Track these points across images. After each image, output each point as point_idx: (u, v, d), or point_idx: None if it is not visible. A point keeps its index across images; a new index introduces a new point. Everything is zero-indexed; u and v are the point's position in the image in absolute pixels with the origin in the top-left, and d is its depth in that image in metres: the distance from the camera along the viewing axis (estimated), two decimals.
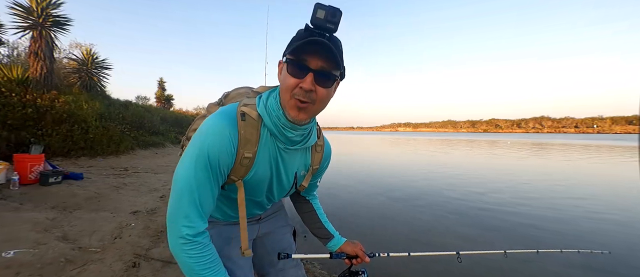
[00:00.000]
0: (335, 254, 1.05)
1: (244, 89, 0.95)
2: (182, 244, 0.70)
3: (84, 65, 10.77)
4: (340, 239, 1.07)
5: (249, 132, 0.76)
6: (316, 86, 0.70)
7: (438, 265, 2.79)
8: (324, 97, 0.73)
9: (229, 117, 0.75)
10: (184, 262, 0.72)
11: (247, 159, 0.77)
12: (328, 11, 0.67)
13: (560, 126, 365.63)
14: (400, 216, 4.51)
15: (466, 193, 6.10)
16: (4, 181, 3.83)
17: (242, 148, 0.75)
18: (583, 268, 2.80)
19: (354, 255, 1.04)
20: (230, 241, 0.95)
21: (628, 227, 4.09)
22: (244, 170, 0.78)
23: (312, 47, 0.67)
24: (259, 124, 0.78)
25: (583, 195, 6.06)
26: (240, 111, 0.77)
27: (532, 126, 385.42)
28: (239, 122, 0.75)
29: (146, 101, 21.90)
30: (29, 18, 7.65)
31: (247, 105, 0.78)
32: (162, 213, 3.44)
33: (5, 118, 5.56)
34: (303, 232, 3.35)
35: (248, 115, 0.76)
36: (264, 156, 0.80)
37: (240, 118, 0.75)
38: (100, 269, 2.04)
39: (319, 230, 1.09)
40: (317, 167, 0.95)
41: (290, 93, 0.71)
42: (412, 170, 9.54)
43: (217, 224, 0.96)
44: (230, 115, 0.76)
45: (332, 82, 0.73)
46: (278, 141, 0.80)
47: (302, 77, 0.69)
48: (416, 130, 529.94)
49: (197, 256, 0.71)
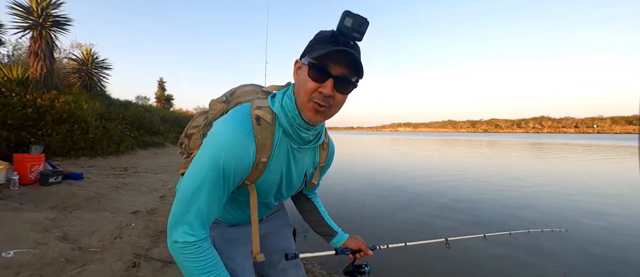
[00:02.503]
0: (340, 250, 1.06)
1: (250, 87, 0.93)
2: (181, 247, 0.70)
3: (84, 65, 10.78)
4: (343, 235, 1.09)
5: (265, 136, 0.75)
6: (335, 92, 0.70)
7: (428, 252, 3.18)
8: (341, 102, 0.74)
9: (245, 124, 0.73)
10: (183, 265, 0.72)
11: (262, 163, 0.76)
12: (356, 20, 0.67)
13: (560, 126, 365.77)
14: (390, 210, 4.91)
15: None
16: (4, 181, 3.83)
17: (258, 153, 0.74)
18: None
19: (357, 249, 1.06)
20: (232, 242, 0.94)
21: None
22: (258, 174, 0.78)
23: (337, 55, 0.67)
24: (273, 127, 0.77)
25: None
26: (255, 115, 0.75)
27: (532, 126, 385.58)
28: (255, 127, 0.74)
29: (146, 101, 21.92)
30: (29, 18, 7.65)
31: (260, 108, 0.77)
32: (162, 213, 3.44)
33: (5, 118, 5.55)
34: (303, 232, 3.35)
35: (263, 119, 0.75)
36: (278, 158, 0.80)
37: (255, 122, 0.74)
38: (100, 269, 2.04)
39: (322, 228, 1.10)
40: (323, 164, 0.96)
41: (308, 96, 0.71)
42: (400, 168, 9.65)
43: (220, 225, 0.95)
44: (245, 121, 0.74)
45: (351, 88, 0.74)
46: (291, 140, 0.80)
47: (322, 82, 0.69)
48: (416, 130, 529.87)
49: (196, 260, 0.70)
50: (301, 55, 0.75)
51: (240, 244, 0.95)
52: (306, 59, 0.71)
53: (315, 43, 0.72)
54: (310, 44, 0.73)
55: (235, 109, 0.79)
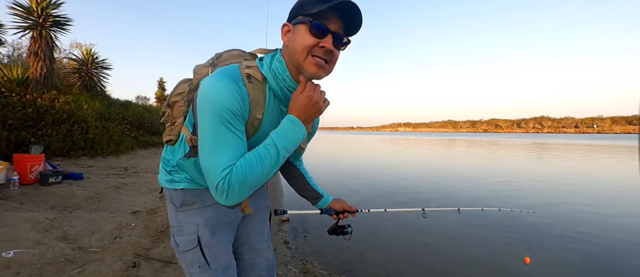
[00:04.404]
0: (325, 210, 1.16)
1: (237, 51, 0.93)
2: (232, 184, 0.67)
3: (84, 65, 10.76)
4: (328, 198, 1.17)
5: (258, 94, 0.77)
6: (333, 47, 0.74)
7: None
8: (337, 58, 0.78)
9: (235, 78, 0.72)
10: (250, 185, 0.69)
11: (257, 120, 0.78)
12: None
13: (560, 126, 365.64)
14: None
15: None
16: (4, 181, 3.83)
17: (253, 109, 0.76)
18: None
19: (341, 210, 1.17)
20: (227, 227, 0.97)
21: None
22: (254, 130, 0.80)
23: (343, 8, 0.70)
24: (264, 86, 0.79)
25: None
26: (245, 73, 0.76)
27: (532, 126, 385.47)
28: (247, 84, 0.75)
29: (146, 101, 21.89)
30: (29, 18, 7.64)
31: (249, 67, 0.78)
32: (162, 213, 3.44)
33: (5, 118, 5.55)
34: (303, 233, 3.36)
35: (254, 77, 0.77)
36: (270, 118, 0.82)
37: (247, 80, 0.75)
38: (100, 269, 2.04)
39: (309, 192, 1.17)
40: (310, 130, 0.98)
41: (307, 52, 0.73)
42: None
43: (209, 202, 0.93)
44: (235, 76, 0.73)
45: (345, 45, 0.78)
46: (281, 104, 0.83)
47: (322, 37, 0.72)
48: (416, 130, 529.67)
49: (244, 173, 0.68)
50: (290, 18, 0.76)
51: (223, 231, 0.96)
52: (301, 18, 0.73)
53: (306, 3, 0.72)
54: (301, 3, 0.74)
55: (222, 68, 0.77)
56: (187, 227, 0.91)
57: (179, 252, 0.93)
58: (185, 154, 0.88)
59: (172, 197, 0.94)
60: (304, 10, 0.73)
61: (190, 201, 0.92)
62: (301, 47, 0.73)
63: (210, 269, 0.90)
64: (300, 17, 0.73)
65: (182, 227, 0.92)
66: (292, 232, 3.35)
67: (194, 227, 0.91)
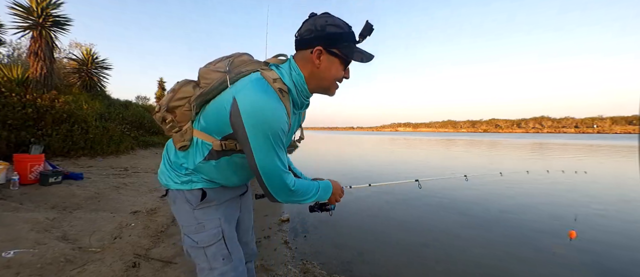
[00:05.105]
0: None
1: (247, 55, 0.97)
2: (289, 194, 0.90)
3: (84, 65, 10.76)
4: (306, 178, 1.26)
5: (288, 106, 0.87)
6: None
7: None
8: None
9: (277, 96, 0.83)
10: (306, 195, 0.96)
11: (288, 127, 0.89)
12: (370, 29, 0.90)
13: (560, 126, 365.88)
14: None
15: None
16: (4, 181, 3.83)
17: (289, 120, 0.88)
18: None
19: None
20: (230, 222, 1.06)
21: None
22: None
23: (368, 60, 0.92)
24: (289, 97, 0.90)
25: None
26: (277, 88, 0.84)
27: (532, 126, 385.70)
28: (282, 99, 0.85)
29: (146, 101, 21.88)
30: (29, 18, 7.63)
31: (275, 80, 0.86)
32: (162, 213, 3.44)
33: (5, 118, 5.54)
34: (303, 233, 3.35)
35: (284, 91, 0.86)
36: (292, 123, 0.94)
37: (280, 94, 0.84)
38: (100, 269, 2.04)
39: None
40: (302, 123, 1.10)
41: (336, 80, 0.93)
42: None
43: (224, 199, 1.03)
44: (276, 94, 0.84)
45: None
46: (295, 107, 0.94)
47: (346, 70, 0.94)
48: (416, 130, 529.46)
49: (301, 192, 0.93)
50: (326, 44, 0.87)
51: (234, 226, 1.09)
52: (339, 53, 0.88)
53: (343, 40, 0.88)
54: (340, 36, 0.88)
55: (257, 82, 0.84)
56: (209, 223, 0.97)
57: (198, 249, 0.96)
58: (204, 157, 0.92)
59: (186, 197, 0.96)
60: (342, 47, 0.88)
61: (209, 199, 0.97)
62: (334, 77, 0.92)
63: (232, 261, 0.98)
64: (337, 51, 0.88)
65: (203, 223, 0.96)
66: (292, 232, 3.35)
67: (217, 221, 0.98)
